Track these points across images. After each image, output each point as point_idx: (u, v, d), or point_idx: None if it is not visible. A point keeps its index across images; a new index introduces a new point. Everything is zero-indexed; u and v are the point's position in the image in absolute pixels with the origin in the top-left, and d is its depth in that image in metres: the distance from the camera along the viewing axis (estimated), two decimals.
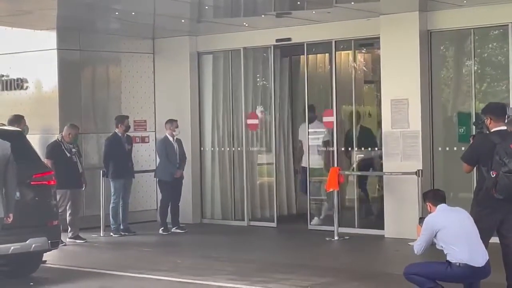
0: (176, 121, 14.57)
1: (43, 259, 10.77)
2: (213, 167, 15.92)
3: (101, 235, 14.08)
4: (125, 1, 12.78)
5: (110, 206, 14.07)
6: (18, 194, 9.73)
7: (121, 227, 14.14)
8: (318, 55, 16.48)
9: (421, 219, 8.29)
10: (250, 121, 15.59)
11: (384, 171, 13.50)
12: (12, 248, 9.63)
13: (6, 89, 15.53)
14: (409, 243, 10.81)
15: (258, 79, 15.75)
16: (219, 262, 11.49)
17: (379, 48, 13.66)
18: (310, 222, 14.57)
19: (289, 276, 10.26)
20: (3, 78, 15.59)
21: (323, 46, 14.98)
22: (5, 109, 15.25)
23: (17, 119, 13.05)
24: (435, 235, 7.89)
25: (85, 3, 12.78)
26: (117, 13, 13.79)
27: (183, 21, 14.59)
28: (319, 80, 16.57)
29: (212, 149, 15.93)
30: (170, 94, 15.92)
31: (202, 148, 15.95)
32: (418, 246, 8.05)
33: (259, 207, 15.71)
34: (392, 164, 13.29)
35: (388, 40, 13.34)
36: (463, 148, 11.53)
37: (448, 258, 7.87)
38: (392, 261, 11.48)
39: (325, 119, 14.53)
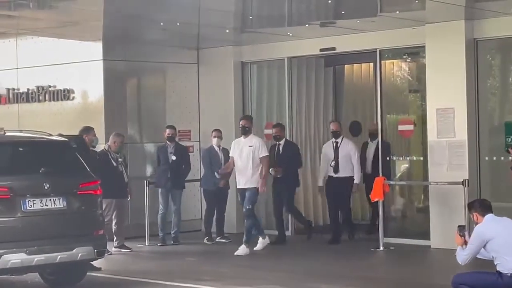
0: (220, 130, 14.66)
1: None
2: None
3: (146, 244, 14.15)
4: (170, 11, 12.85)
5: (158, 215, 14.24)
6: (65, 203, 9.87)
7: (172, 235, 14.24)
8: (362, 64, 16.49)
9: (460, 227, 8.16)
10: (267, 131, 15.59)
11: (430, 180, 13.38)
12: (59, 257, 9.68)
13: (53, 100, 15.70)
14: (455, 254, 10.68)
15: (301, 89, 15.72)
16: (263, 271, 11.48)
17: (424, 57, 13.57)
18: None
19: (332, 287, 10.21)
20: (50, 89, 15.77)
21: (367, 56, 14.92)
22: (52, 119, 15.47)
23: (87, 130, 13.24)
24: (485, 246, 7.79)
25: (130, 14, 12.89)
26: (162, 23, 13.88)
27: (227, 31, 14.65)
28: (363, 90, 16.56)
29: None
30: (214, 104, 15.97)
31: None
32: (464, 257, 7.95)
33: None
34: (438, 173, 13.17)
35: (434, 49, 13.24)
36: (510, 158, 11.39)
37: (498, 269, 7.76)
38: (439, 272, 11.35)
39: (401, 127, 14.41)
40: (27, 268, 9.74)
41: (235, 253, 12.81)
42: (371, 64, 15.79)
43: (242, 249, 12.88)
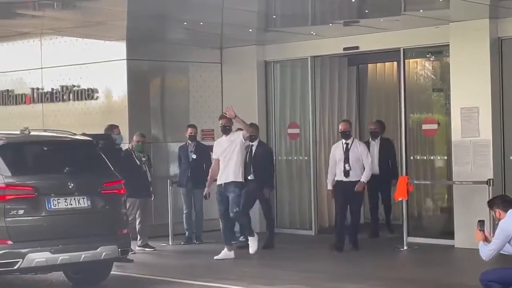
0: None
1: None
2: (280, 176, 15.90)
3: (170, 243, 14.18)
4: (194, 11, 12.87)
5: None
6: (89, 202, 9.91)
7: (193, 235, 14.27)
8: (386, 63, 16.43)
9: (480, 222, 8.11)
10: (290, 131, 15.54)
11: (454, 180, 13.31)
12: (83, 256, 9.73)
13: (77, 99, 15.79)
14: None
15: (325, 88, 15.69)
16: (287, 271, 11.46)
17: (448, 56, 13.51)
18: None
19: (358, 286, 10.18)
20: (74, 89, 15.85)
21: (391, 54, 14.88)
22: (76, 118, 15.57)
23: (111, 128, 13.46)
24: (509, 241, 7.75)
25: (154, 13, 12.92)
26: (185, 23, 13.91)
27: (250, 30, 14.65)
28: (386, 89, 16.51)
29: (279, 158, 15.92)
30: (237, 103, 15.84)
31: None
32: (489, 252, 7.91)
33: (327, 217, 15.64)
34: (462, 173, 13.10)
35: (458, 48, 13.17)
36: None
37: None
38: (464, 271, 11.30)
39: (424, 126, 14.30)
40: (52, 267, 9.78)
41: (250, 251, 12.58)
42: (395, 63, 15.74)
43: (252, 246, 12.59)
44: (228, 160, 12.42)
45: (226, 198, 12.49)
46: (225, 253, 12.50)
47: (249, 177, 13.27)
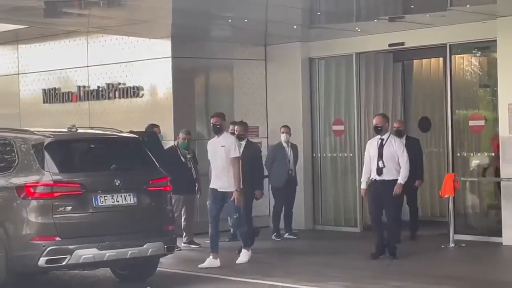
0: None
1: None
2: (325, 173, 15.86)
3: None
4: (238, 8, 12.89)
5: None
6: (135, 199, 9.97)
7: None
8: (431, 59, 16.29)
9: None
10: (335, 127, 15.45)
11: (502, 177, 13.15)
12: (129, 252, 9.79)
13: (123, 97, 15.91)
14: None
15: (370, 84, 15.60)
16: (333, 268, 11.42)
17: (495, 51, 13.34)
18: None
19: (405, 284, 10.11)
20: (119, 86, 15.97)
21: (437, 50, 14.74)
22: (121, 116, 15.68)
23: (152, 127, 13.61)
24: None
25: (198, 11, 12.96)
26: (230, 20, 13.92)
27: (295, 27, 14.62)
28: (432, 85, 16.37)
29: (324, 154, 15.88)
30: (282, 100, 15.96)
31: (314, 154, 15.93)
32: None
33: None
34: (510, 170, 12.93)
35: (505, 43, 13.00)
36: None
37: None
38: None
39: (471, 123, 14.14)
40: (99, 263, 9.85)
41: (236, 262, 11.85)
42: (441, 59, 15.60)
43: (241, 258, 11.93)
44: (222, 166, 11.65)
45: (220, 203, 11.83)
46: (210, 261, 11.71)
47: None
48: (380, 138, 12.10)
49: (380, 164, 11.91)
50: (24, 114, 17.73)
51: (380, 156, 11.91)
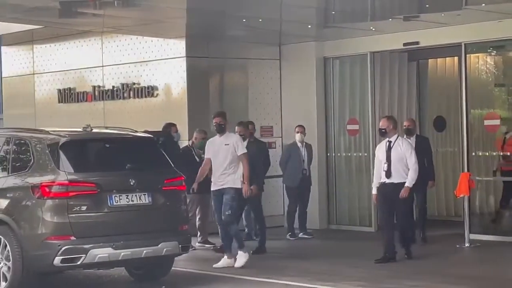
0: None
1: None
2: (339, 173, 15.84)
3: None
4: (253, 8, 12.88)
5: None
6: (150, 198, 9.99)
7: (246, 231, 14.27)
8: (446, 58, 16.24)
9: None
10: (350, 127, 15.41)
11: None
12: (144, 251, 9.81)
13: (138, 97, 15.93)
14: None
15: (384, 84, 15.57)
16: (347, 267, 11.41)
17: (510, 50, 13.29)
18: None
19: (421, 283, 10.08)
20: (134, 86, 16.00)
21: (452, 49, 14.69)
22: (136, 116, 15.69)
23: (169, 126, 13.73)
24: None
25: (213, 11, 12.97)
26: (244, 20, 13.92)
27: (309, 26, 14.61)
28: (447, 84, 16.32)
29: (339, 154, 15.86)
30: (296, 99, 15.95)
31: (328, 154, 15.91)
32: None
33: None
34: None
35: None
36: None
37: None
38: None
39: (487, 122, 14.07)
40: (114, 263, 9.87)
41: (235, 265, 11.48)
42: (456, 58, 15.55)
43: (239, 261, 11.53)
44: (222, 164, 11.55)
45: (222, 202, 11.64)
46: (225, 261, 11.64)
47: None
48: (388, 141, 11.84)
49: (385, 167, 11.67)
50: (40, 114, 17.80)
51: (388, 158, 11.69)
